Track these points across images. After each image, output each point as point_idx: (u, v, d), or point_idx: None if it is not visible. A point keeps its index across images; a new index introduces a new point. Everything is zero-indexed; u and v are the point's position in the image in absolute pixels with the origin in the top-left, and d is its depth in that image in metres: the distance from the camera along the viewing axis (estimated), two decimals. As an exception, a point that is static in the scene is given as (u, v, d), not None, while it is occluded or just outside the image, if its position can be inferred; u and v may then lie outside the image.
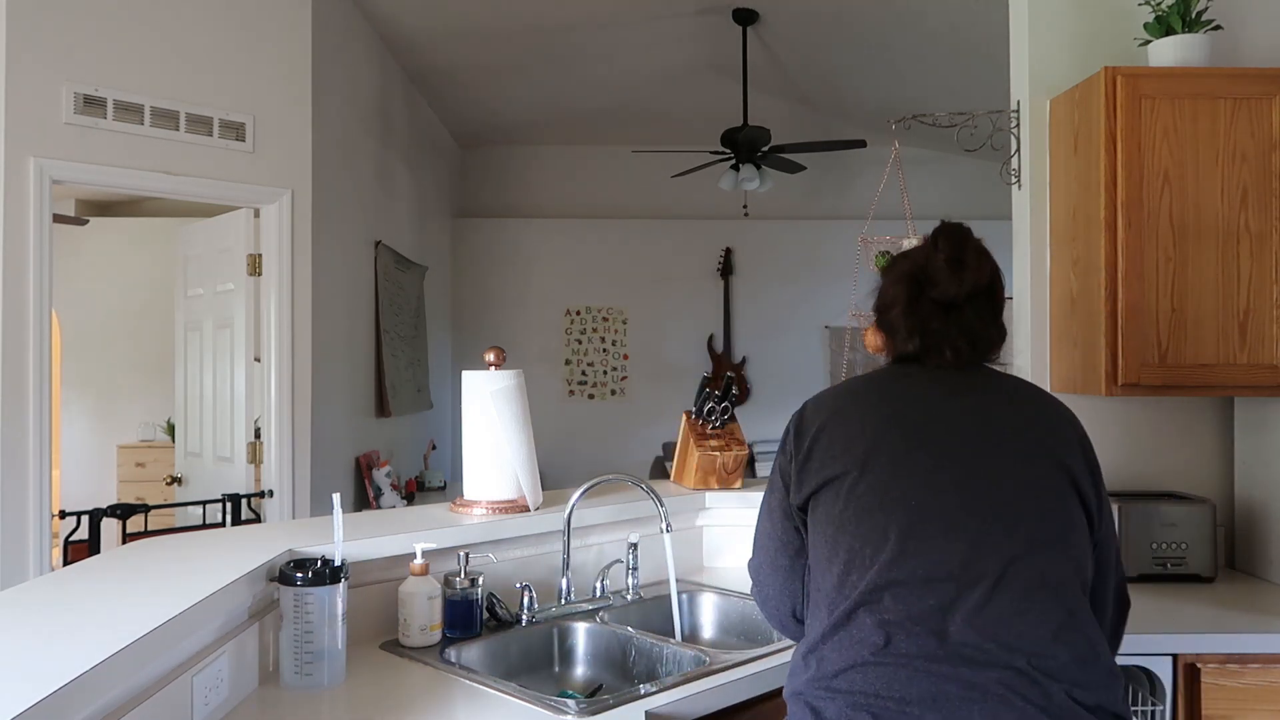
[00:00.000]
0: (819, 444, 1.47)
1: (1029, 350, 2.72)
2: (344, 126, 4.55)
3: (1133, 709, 1.98)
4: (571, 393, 7.62)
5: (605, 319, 7.64)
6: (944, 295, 1.50)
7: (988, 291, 1.53)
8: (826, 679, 1.33)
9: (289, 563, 1.68)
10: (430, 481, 5.95)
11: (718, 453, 2.52)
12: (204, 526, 3.72)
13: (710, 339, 7.63)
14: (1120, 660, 1.99)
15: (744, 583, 1.91)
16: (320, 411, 4.14)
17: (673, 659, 1.89)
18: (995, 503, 1.38)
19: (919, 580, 1.32)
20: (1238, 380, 2.33)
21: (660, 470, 6.19)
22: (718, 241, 7.63)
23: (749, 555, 1.62)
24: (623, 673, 1.97)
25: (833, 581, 1.38)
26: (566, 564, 2.10)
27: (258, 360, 4.02)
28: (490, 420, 2.14)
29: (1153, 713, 2.00)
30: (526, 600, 2.03)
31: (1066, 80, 2.64)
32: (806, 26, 5.22)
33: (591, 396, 7.64)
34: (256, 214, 4.00)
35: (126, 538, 3.40)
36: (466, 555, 1.96)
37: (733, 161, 5.66)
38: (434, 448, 6.58)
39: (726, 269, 7.60)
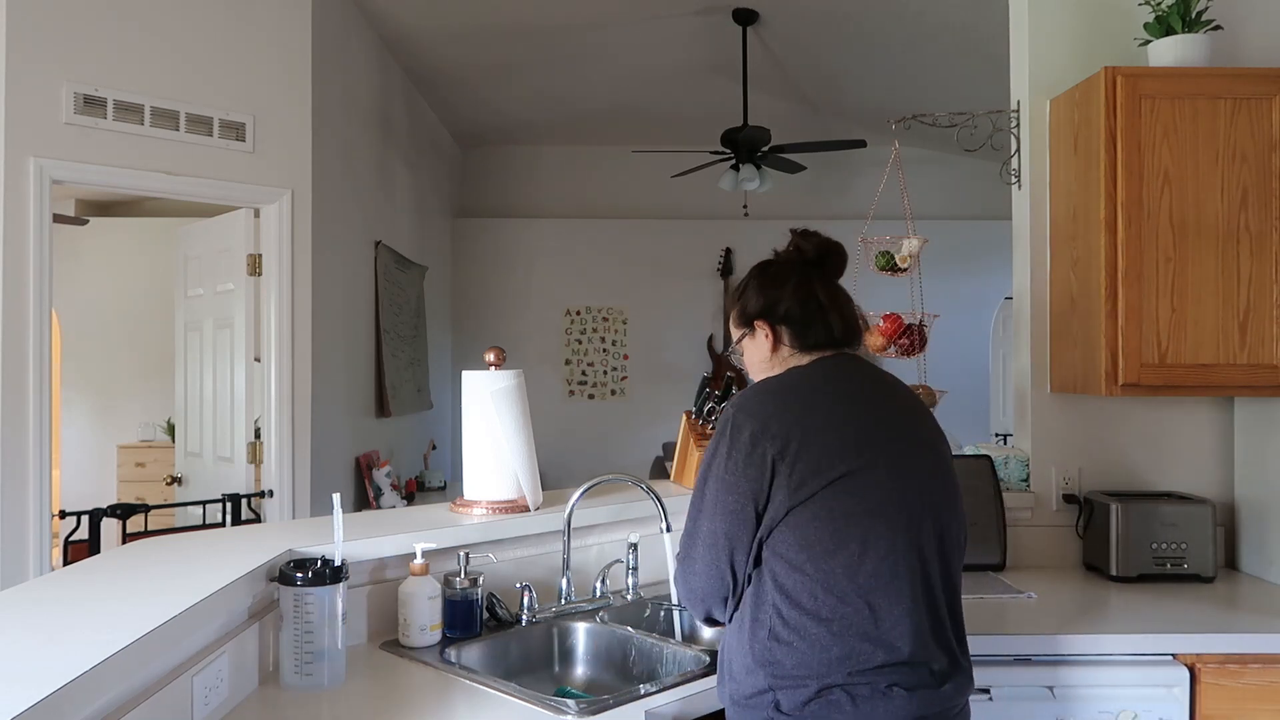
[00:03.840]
0: (808, 444, 1.45)
1: (1029, 350, 2.72)
2: (344, 126, 4.55)
3: None
4: (571, 393, 7.62)
5: (605, 319, 7.64)
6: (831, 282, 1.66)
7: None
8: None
9: (289, 563, 1.68)
10: (430, 481, 5.95)
11: (718, 453, 2.52)
12: (204, 526, 3.72)
13: (710, 339, 7.63)
14: (1120, 661, 2.00)
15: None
16: (320, 411, 4.14)
17: (673, 659, 1.89)
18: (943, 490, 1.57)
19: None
20: (1238, 380, 2.33)
21: (660, 470, 6.18)
22: (718, 241, 7.63)
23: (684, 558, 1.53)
24: (623, 673, 1.97)
25: (841, 571, 1.43)
26: (566, 564, 2.10)
27: (258, 360, 4.01)
28: (490, 420, 2.14)
29: None
30: (526, 600, 2.03)
31: (1066, 80, 2.64)
32: (806, 26, 5.21)
33: (591, 396, 7.64)
34: (256, 214, 3.99)
35: (126, 538, 3.40)
36: (466, 555, 1.96)
37: (733, 161, 5.66)
38: (434, 448, 6.58)
39: (726, 269, 7.60)
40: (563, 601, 2.09)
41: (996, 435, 6.75)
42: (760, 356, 1.66)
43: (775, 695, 1.43)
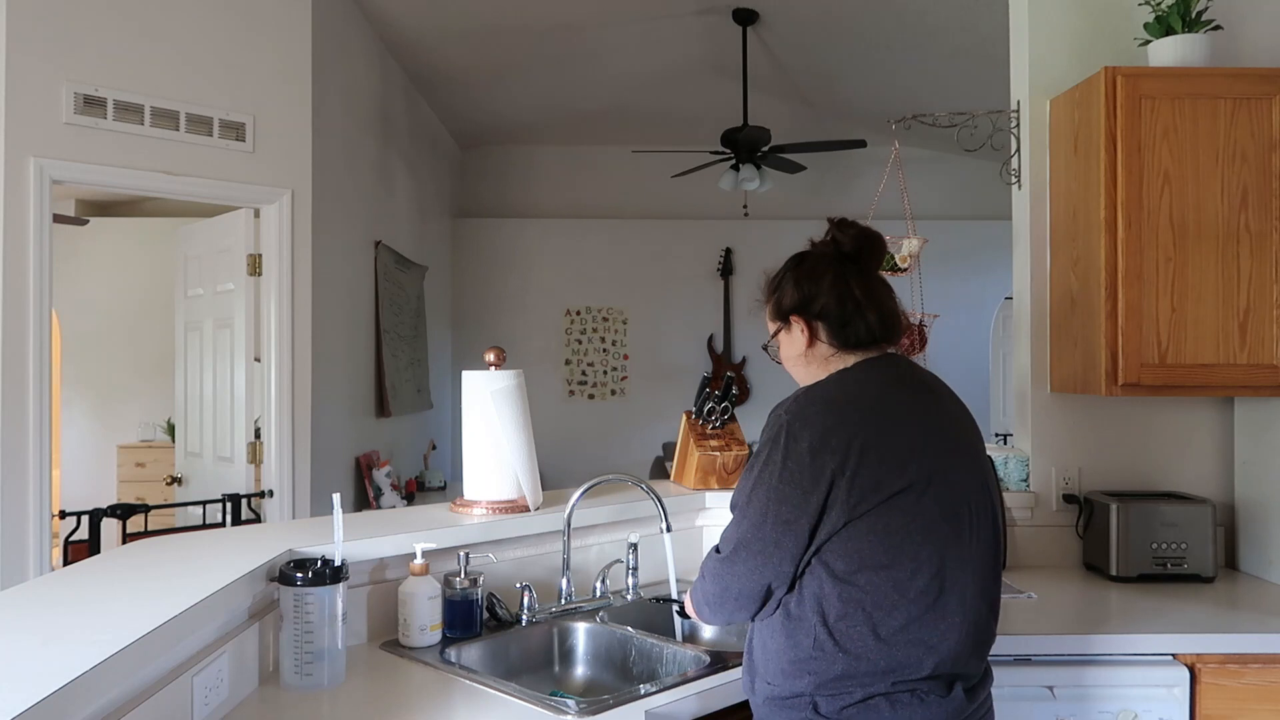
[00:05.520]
0: (867, 459, 1.42)
1: (1029, 350, 2.72)
2: (344, 126, 4.55)
3: None
4: (571, 393, 7.62)
5: (605, 319, 7.64)
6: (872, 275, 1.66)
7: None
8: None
9: (289, 563, 1.68)
10: (430, 481, 5.95)
11: (718, 453, 2.53)
12: (204, 526, 3.72)
13: (710, 339, 7.63)
14: (1121, 661, 2.00)
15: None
16: (320, 411, 4.14)
17: (673, 659, 1.89)
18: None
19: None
20: (1238, 380, 2.33)
21: (660, 470, 6.18)
22: (718, 241, 7.63)
23: (721, 550, 1.51)
24: (623, 673, 1.97)
25: (892, 586, 1.42)
26: (566, 564, 2.10)
27: (258, 360, 4.01)
28: (490, 420, 2.14)
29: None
30: (526, 600, 2.03)
31: (1066, 80, 2.64)
32: (806, 26, 5.22)
33: (591, 396, 7.63)
34: (256, 214, 3.99)
35: (126, 538, 3.40)
36: (466, 555, 1.96)
37: (733, 161, 5.66)
38: (434, 448, 6.57)
39: (726, 269, 7.60)
40: (563, 601, 2.09)
41: (996, 435, 6.75)
42: (796, 351, 1.63)
43: (814, 698, 1.43)
